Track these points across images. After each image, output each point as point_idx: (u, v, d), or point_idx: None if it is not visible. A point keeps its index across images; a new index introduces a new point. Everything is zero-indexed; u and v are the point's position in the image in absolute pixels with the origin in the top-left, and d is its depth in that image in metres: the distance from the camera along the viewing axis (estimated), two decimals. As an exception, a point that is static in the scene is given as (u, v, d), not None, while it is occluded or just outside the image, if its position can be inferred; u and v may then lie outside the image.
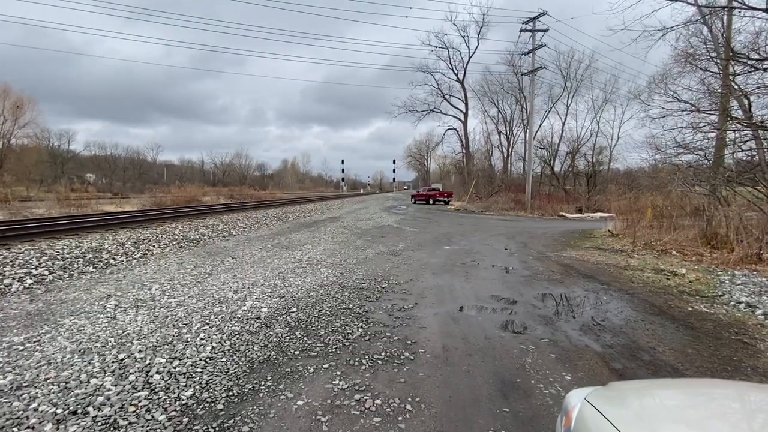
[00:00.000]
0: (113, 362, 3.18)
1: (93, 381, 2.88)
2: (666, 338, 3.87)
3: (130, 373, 2.99)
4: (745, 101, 9.44)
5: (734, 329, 4.16)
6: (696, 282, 6.09)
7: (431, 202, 33.23)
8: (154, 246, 8.62)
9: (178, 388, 2.81)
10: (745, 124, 9.13)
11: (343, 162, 71.37)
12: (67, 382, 2.87)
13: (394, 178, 77.33)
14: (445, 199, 33.00)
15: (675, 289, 5.75)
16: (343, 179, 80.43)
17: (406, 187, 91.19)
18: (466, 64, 35.12)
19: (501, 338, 3.83)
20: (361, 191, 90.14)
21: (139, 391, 2.76)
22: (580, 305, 4.99)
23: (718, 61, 9.88)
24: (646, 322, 4.33)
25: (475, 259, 8.02)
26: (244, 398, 2.70)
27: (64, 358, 3.26)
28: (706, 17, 9.66)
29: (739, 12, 8.81)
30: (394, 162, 67.48)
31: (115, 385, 2.82)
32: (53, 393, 2.71)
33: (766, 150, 8.71)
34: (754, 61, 7.63)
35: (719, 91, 10.08)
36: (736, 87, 9.35)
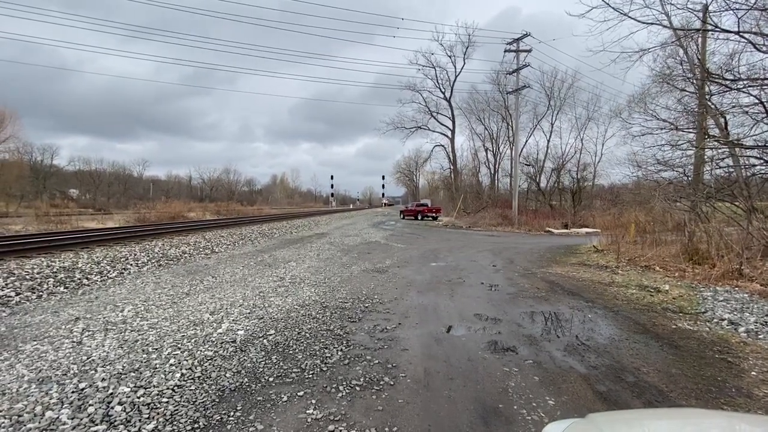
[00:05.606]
0: (73, 392, 2.98)
1: (48, 414, 2.69)
2: (650, 358, 3.81)
3: (90, 405, 2.80)
4: (721, 120, 9.70)
5: (718, 348, 4.12)
6: (679, 298, 6.09)
7: (420, 217, 33.28)
8: (131, 265, 8.35)
9: (140, 420, 2.63)
10: (721, 142, 9.37)
11: (332, 177, 71.55)
12: (20, 415, 2.67)
13: (383, 194, 77.30)
14: (434, 214, 33.08)
15: (659, 306, 5.73)
16: (332, 195, 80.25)
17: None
18: (453, 83, 35.85)
19: (484, 360, 3.72)
20: (351, 207, 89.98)
21: (97, 424, 2.57)
22: (565, 324, 4.93)
23: (694, 81, 10.18)
24: (631, 341, 4.27)
25: (461, 276, 7.94)
26: (210, 431, 2.53)
27: (20, 388, 3.05)
28: (681, 39, 9.98)
29: (713, 34, 9.13)
30: (383, 178, 67.73)
31: (72, 418, 2.63)
32: (3, 427, 2.52)
33: (742, 167, 8.92)
34: (728, 82, 7.87)
35: (696, 110, 10.37)
36: (712, 106, 9.61)
